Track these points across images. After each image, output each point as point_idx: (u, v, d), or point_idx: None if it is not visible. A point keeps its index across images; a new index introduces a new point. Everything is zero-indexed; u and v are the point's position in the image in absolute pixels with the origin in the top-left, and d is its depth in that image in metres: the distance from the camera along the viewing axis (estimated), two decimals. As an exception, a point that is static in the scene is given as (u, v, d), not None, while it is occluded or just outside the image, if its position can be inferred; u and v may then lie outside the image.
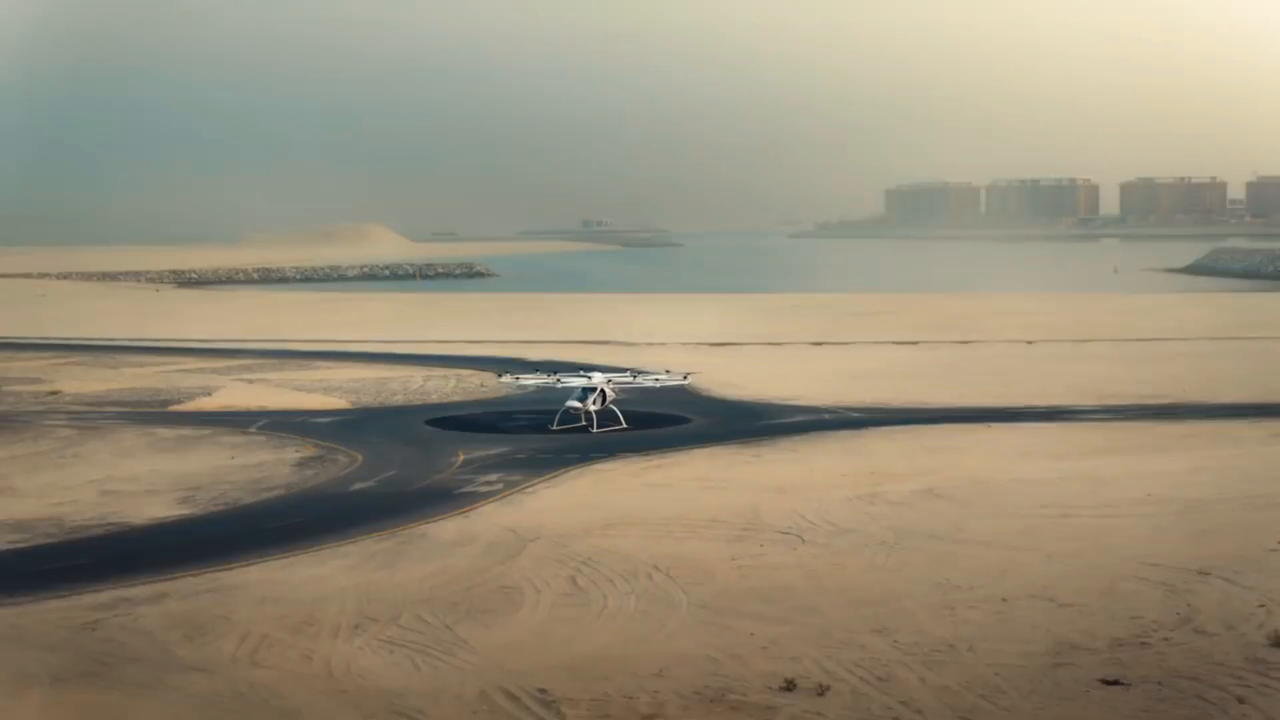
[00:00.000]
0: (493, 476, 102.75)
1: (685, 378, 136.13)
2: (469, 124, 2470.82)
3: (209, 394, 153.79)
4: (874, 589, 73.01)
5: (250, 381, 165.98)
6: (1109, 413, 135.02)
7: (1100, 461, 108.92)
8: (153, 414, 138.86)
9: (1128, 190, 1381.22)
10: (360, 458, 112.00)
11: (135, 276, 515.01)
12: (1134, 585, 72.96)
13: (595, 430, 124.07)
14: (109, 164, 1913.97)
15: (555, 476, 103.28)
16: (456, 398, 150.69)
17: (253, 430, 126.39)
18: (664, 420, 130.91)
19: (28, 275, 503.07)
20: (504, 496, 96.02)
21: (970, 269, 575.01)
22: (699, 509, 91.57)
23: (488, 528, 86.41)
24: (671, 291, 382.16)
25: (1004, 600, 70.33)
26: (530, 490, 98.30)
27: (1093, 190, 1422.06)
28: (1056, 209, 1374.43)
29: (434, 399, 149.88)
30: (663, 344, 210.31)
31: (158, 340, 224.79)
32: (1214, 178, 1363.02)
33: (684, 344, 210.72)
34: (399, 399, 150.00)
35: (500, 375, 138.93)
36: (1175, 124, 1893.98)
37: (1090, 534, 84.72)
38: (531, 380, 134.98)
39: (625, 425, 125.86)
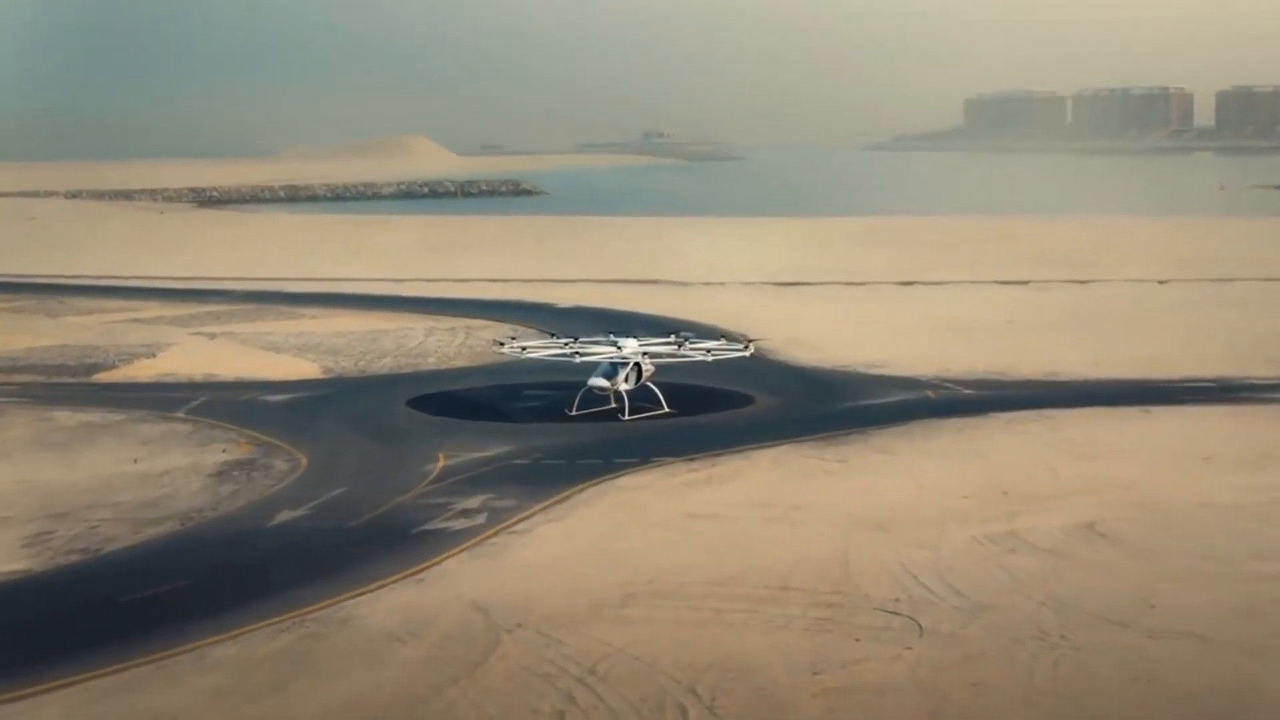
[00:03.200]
0: (474, 500, 76.37)
1: (746, 347, 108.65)
2: (524, 28, 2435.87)
3: (153, 355, 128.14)
4: (1045, 747, 46.64)
5: (212, 337, 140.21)
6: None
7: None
8: (67, 386, 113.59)
9: (1223, 99, 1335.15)
10: (304, 462, 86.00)
11: (152, 195, 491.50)
12: None
13: (626, 417, 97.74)
14: (141, 73, 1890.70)
15: (562, 500, 76.90)
16: (458, 362, 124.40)
17: (181, 415, 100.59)
18: (717, 399, 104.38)
19: (34, 193, 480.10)
20: (483, 540, 69.62)
21: (1061, 186, 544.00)
22: (764, 562, 65.33)
23: (447, 604, 60.11)
24: (734, 214, 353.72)
25: (1271, 784, 43.76)
26: (523, 527, 71.85)
27: (1186, 99, 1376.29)
28: (1148, 120, 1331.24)
29: (430, 363, 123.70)
30: (721, 284, 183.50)
31: (129, 277, 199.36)
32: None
33: (746, 283, 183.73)
34: (386, 363, 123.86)
35: (501, 344, 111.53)
36: (1274, 27, 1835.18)
37: (1351, 615, 58.17)
38: (540, 350, 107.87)
39: (666, 409, 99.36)
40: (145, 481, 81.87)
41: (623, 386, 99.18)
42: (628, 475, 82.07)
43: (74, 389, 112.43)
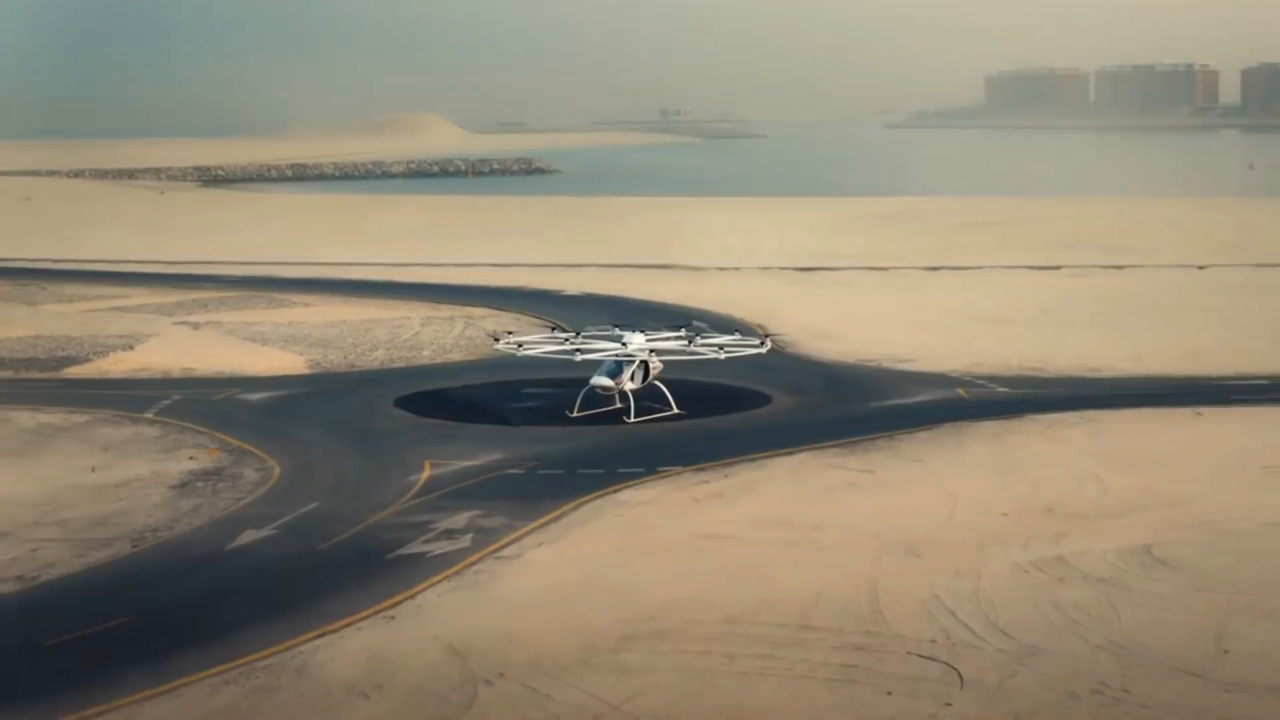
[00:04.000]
0: (461, 517, 69.32)
1: (763, 342, 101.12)
2: (539, 6, 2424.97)
3: (130, 347, 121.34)
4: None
5: (196, 327, 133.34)
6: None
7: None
8: (33, 383, 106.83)
9: (1249, 76, 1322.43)
10: (277, 472, 79.03)
11: (156, 174, 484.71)
12: None
13: (632, 419, 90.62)
14: (149, 50, 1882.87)
15: (557, 517, 69.91)
16: (454, 355, 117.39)
17: (150, 415, 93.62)
18: (732, 399, 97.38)
19: (34, 173, 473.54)
20: (467, 566, 62.51)
21: (1086, 165, 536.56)
22: (782, 595, 58.27)
23: (420, 647, 53.05)
24: (752, 194, 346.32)
25: None
26: (511, 551, 64.73)
27: (1211, 76, 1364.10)
28: (1172, 97, 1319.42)
29: (424, 357, 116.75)
30: (738, 269, 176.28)
31: (119, 261, 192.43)
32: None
33: (764, 268, 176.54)
34: (378, 356, 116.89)
35: (496, 340, 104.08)
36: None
37: None
38: (538, 346, 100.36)
39: (676, 410, 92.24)
40: (100, 494, 74.99)
41: (628, 386, 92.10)
42: (631, 488, 75.07)
43: (40, 386, 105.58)
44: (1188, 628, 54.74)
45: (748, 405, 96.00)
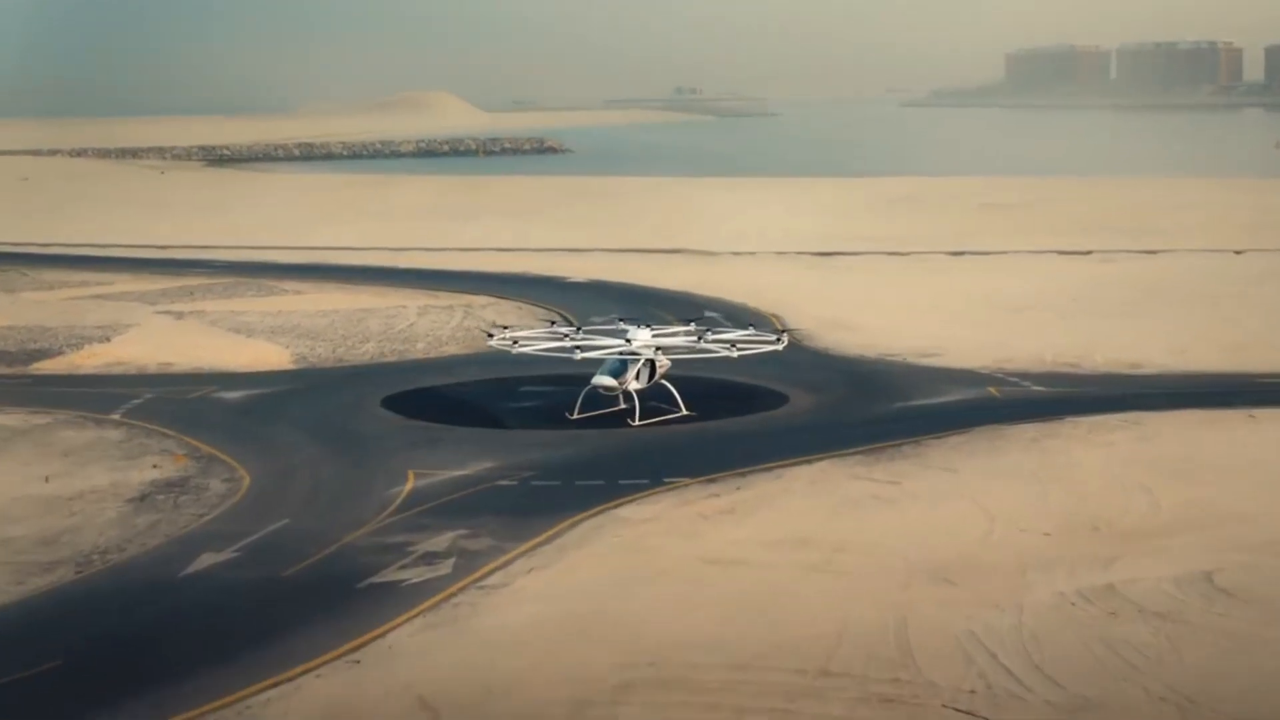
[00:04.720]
0: (442, 539, 62.80)
1: (779, 339, 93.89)
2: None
3: (107, 339, 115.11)
4: None
5: (179, 316, 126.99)
6: None
7: None
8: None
9: (1273, 54, 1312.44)
10: (246, 482, 72.66)
11: (160, 153, 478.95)
12: None
13: (636, 422, 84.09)
14: (157, 27, 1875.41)
15: (550, 538, 63.39)
16: (450, 348, 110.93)
17: (116, 416, 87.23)
18: (745, 399, 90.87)
19: (35, 152, 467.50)
20: (445, 598, 55.96)
21: (1108, 144, 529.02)
22: (800, 632, 51.99)
23: (387, 699, 46.73)
24: (767, 174, 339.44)
25: None
26: (497, 579, 58.17)
27: (1235, 54, 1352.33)
28: (1194, 75, 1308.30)
29: (418, 350, 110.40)
30: (752, 253, 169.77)
31: (108, 245, 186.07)
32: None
33: (779, 253, 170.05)
34: (368, 349, 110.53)
35: (490, 335, 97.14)
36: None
37: None
38: (534, 343, 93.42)
39: (685, 411, 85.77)
40: (51, 508, 68.63)
41: (632, 386, 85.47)
42: (634, 503, 68.54)
43: (6, 383, 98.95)
44: (1261, 672, 48.49)
45: (763, 406, 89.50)
